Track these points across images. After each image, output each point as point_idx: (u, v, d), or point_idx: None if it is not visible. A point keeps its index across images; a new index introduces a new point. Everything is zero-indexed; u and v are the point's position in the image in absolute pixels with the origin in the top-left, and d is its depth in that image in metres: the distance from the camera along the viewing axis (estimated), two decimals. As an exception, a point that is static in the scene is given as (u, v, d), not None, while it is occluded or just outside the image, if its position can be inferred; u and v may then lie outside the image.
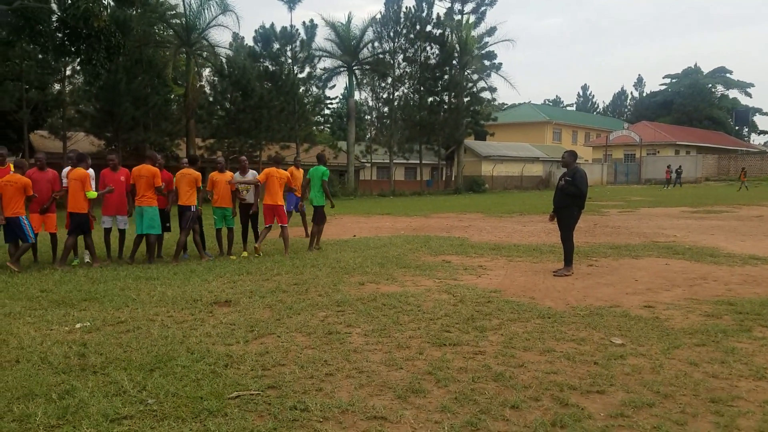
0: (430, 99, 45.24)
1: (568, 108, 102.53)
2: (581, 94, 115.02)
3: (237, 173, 11.11)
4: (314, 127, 43.69)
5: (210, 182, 10.77)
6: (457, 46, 43.70)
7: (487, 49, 46.74)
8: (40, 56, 27.59)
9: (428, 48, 44.00)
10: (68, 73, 30.38)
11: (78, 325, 5.94)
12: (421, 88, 44.29)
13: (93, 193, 9.61)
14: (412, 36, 42.84)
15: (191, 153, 11.71)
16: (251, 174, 11.10)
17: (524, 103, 76.24)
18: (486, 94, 48.17)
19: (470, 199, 34.09)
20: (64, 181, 9.95)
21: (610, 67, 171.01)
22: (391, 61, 42.94)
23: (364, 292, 7.52)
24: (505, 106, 71.66)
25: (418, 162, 45.31)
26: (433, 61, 44.06)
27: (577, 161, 9.25)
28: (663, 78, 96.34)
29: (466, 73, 45.22)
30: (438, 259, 10.46)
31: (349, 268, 9.30)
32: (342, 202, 15.97)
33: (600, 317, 6.28)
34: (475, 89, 47.17)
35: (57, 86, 30.46)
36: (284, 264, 9.69)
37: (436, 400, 4.06)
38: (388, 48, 42.72)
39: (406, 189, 42.69)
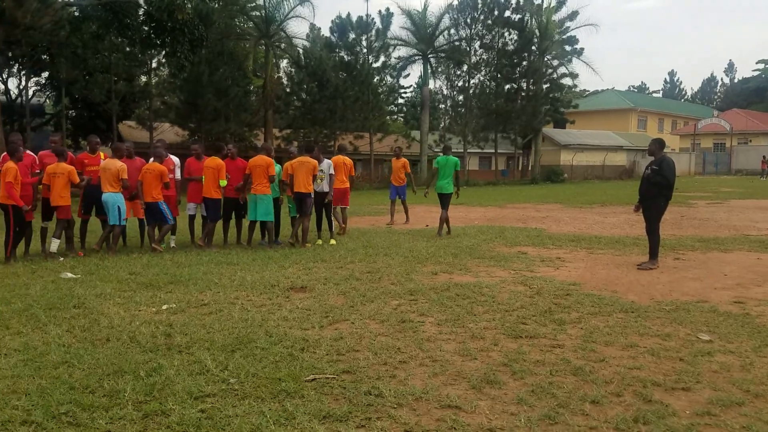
0: (507, 86, 44.21)
1: (654, 95, 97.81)
2: (668, 80, 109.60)
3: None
4: (388, 117, 43.78)
5: (285, 172, 10.99)
6: (536, 31, 42.52)
7: (568, 34, 45.21)
8: (127, 49, 29.06)
9: (506, 34, 42.97)
10: (154, 65, 31.85)
11: (164, 307, 6.22)
12: (498, 76, 43.40)
13: (224, 181, 10.20)
14: (489, 22, 41.99)
15: (310, 142, 12.24)
16: (326, 164, 11.25)
17: (607, 89, 73.33)
18: (566, 81, 46.74)
19: (548, 190, 33.26)
20: (177, 171, 10.51)
21: (699, 52, 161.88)
22: (468, 48, 42.35)
23: (437, 282, 7.48)
24: (587, 93, 69.14)
25: (493, 151, 44.57)
26: (511, 48, 43.05)
27: (664, 150, 8.82)
28: (756, 63, 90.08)
29: (545, 59, 43.93)
30: (513, 250, 10.26)
31: (422, 258, 9.28)
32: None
33: (686, 312, 6.00)
34: (555, 76, 45.78)
35: (144, 78, 32.04)
36: (357, 252, 9.79)
37: (512, 392, 3.99)
38: (464, 35, 42.11)
39: (480, 179, 42.11)
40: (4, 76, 30.07)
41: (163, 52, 28.90)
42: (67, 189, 9.38)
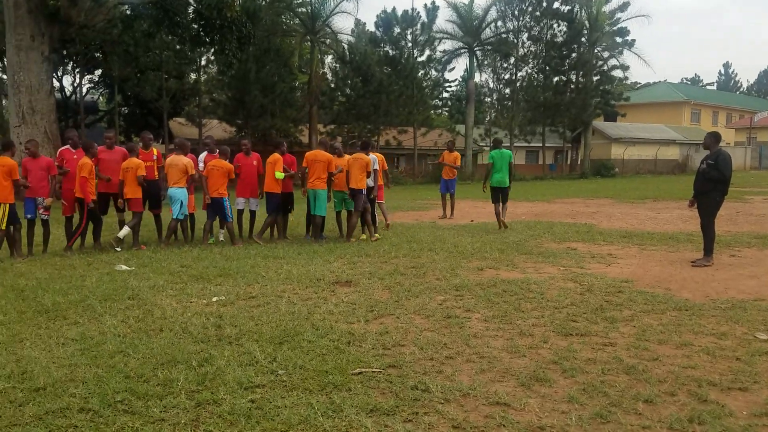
0: (556, 79, 43.29)
1: (708, 87, 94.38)
2: (723, 72, 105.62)
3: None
4: (432, 111, 43.49)
5: (332, 165, 11.07)
6: (586, 22, 41.53)
7: (619, 25, 44.00)
8: (178, 47, 29.70)
9: (555, 25, 42.08)
10: (203, 63, 32.47)
11: (214, 299, 6.35)
12: (546, 68, 42.56)
13: (281, 174, 10.41)
14: (537, 13, 41.20)
15: (365, 139, 12.49)
16: (372, 159, 11.25)
17: (660, 81, 71.08)
18: (617, 73, 45.44)
19: (598, 184, 32.54)
20: (201, 165, 10.66)
21: (755, 43, 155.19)
22: (515, 41, 41.67)
23: (483, 278, 7.41)
24: (639, 85, 67.20)
25: (541, 145, 43.80)
26: (559, 39, 42.14)
27: (720, 144, 8.50)
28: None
29: (595, 51, 42.89)
30: (562, 246, 10.08)
31: (467, 253, 9.20)
32: (459, 186, 15.88)
33: (743, 311, 5.79)
34: (605, 68, 44.61)
35: (193, 76, 32.69)
36: (402, 247, 9.77)
37: (563, 390, 3.91)
38: (511, 27, 41.43)
39: (527, 173, 41.47)
40: (60, 73, 31.12)
41: (212, 50, 29.45)
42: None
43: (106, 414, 3.51)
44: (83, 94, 32.44)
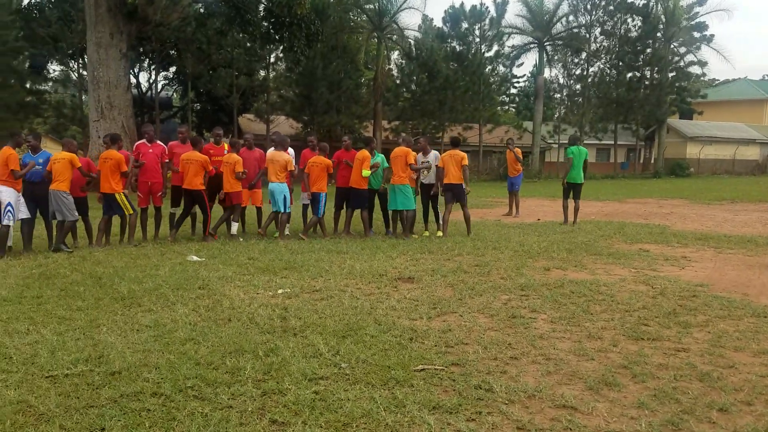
0: (629, 75, 41.84)
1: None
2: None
3: (419, 154, 11.27)
4: (499, 108, 42.87)
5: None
6: (662, 17, 39.91)
7: (697, 20, 42.05)
8: (248, 45, 30.49)
9: (629, 20, 40.72)
10: (272, 60, 33.17)
11: (280, 291, 6.47)
12: (620, 64, 41.21)
13: (367, 171, 10.58)
14: (611, 8, 39.95)
15: (456, 137, 12.65)
16: (433, 155, 11.20)
17: (739, 78, 67.41)
18: (694, 69, 43.49)
19: (672, 184, 31.26)
20: None
21: None
22: (587, 35, 40.56)
23: (549, 278, 7.23)
24: (717, 82, 63.98)
25: (613, 143, 42.45)
26: (634, 34, 40.72)
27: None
28: None
29: (671, 47, 41.18)
30: (634, 247, 9.72)
31: (534, 253, 9.01)
32: (526, 184, 15.64)
33: (831, 321, 5.41)
34: (681, 64, 42.76)
35: (262, 73, 33.46)
36: (465, 245, 9.67)
37: (632, 395, 3.77)
38: (583, 21, 40.36)
39: (597, 171, 40.20)
40: (136, 70, 32.52)
41: (281, 47, 30.13)
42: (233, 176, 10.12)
43: (177, 399, 3.63)
44: (158, 90, 33.82)
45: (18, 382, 3.87)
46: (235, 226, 10.39)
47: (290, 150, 10.78)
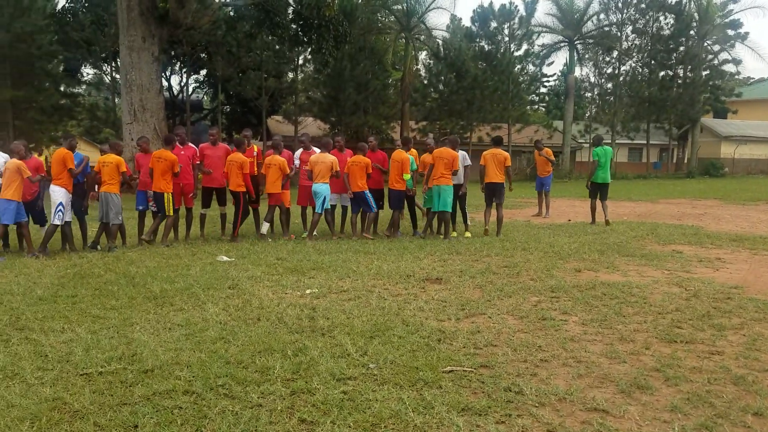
0: (662, 73, 41.05)
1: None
2: None
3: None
4: (528, 107, 42.47)
5: (421, 163, 11.05)
6: (695, 14, 39.17)
7: (731, 17, 41.11)
8: (277, 47, 30.74)
9: (661, 18, 39.99)
10: (300, 62, 33.40)
11: (308, 291, 6.51)
12: (652, 62, 40.44)
13: (407, 175, 10.70)
14: (643, 6, 39.29)
15: (499, 136, 12.73)
16: (461, 155, 11.14)
17: (776, 75, 65.63)
18: (728, 67, 42.53)
19: (706, 184, 30.59)
20: (296, 162, 11.00)
21: None
22: (618, 34, 39.96)
23: (580, 280, 7.14)
24: (751, 81, 62.35)
25: (645, 142, 41.72)
26: (666, 32, 39.96)
27: None
28: None
29: (705, 44, 40.33)
30: (667, 248, 9.53)
31: (564, 254, 8.90)
32: (556, 184, 15.49)
33: None
34: (715, 62, 41.87)
35: (291, 75, 33.72)
36: (494, 246, 9.60)
37: (665, 398, 3.70)
38: (615, 20, 39.84)
39: (629, 171, 39.62)
40: (168, 73, 33.04)
41: (309, 49, 30.33)
42: (279, 178, 10.30)
43: (208, 397, 3.68)
44: (189, 93, 34.27)
45: (53, 380, 3.96)
46: (265, 226, 10.50)
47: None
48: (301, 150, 11.28)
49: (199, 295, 6.26)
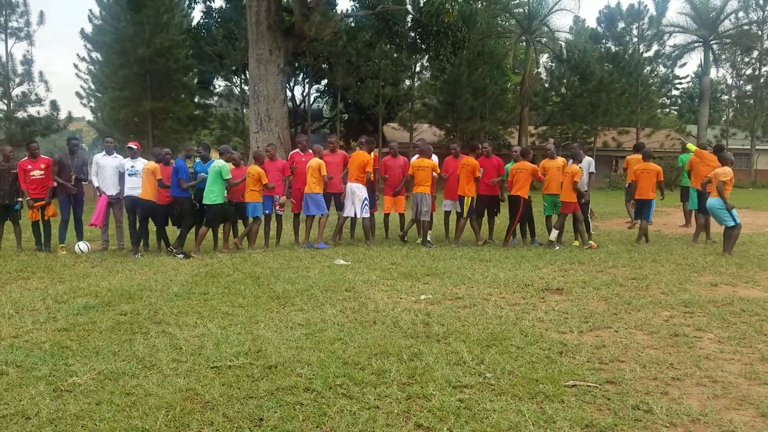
0: (809, 74, 37.30)
1: None
2: None
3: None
4: (659, 110, 40.00)
5: (542, 168, 10.70)
6: None
7: None
8: (395, 55, 31.17)
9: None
10: (417, 69, 33.66)
11: (422, 297, 6.51)
12: (797, 62, 36.80)
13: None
14: (788, 1, 35.87)
15: (642, 143, 12.67)
16: (586, 161, 10.68)
17: None
18: None
19: None
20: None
21: None
22: (759, 33, 36.69)
23: (717, 294, 6.59)
24: None
25: (788, 148, 37.98)
26: (814, 29, 36.23)
27: None
28: None
29: None
30: (819, 263, 8.58)
31: (698, 266, 8.26)
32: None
33: None
34: None
35: (407, 82, 34.07)
36: (620, 256, 9.11)
37: (820, 431, 3.31)
38: (755, 18, 36.62)
39: (770, 180, 36.23)
40: (291, 84, 34.52)
41: (426, 56, 30.49)
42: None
43: (327, 395, 3.77)
44: (310, 102, 35.63)
45: (187, 371, 4.23)
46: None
47: (434, 157, 10.87)
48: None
49: (317, 297, 6.45)
